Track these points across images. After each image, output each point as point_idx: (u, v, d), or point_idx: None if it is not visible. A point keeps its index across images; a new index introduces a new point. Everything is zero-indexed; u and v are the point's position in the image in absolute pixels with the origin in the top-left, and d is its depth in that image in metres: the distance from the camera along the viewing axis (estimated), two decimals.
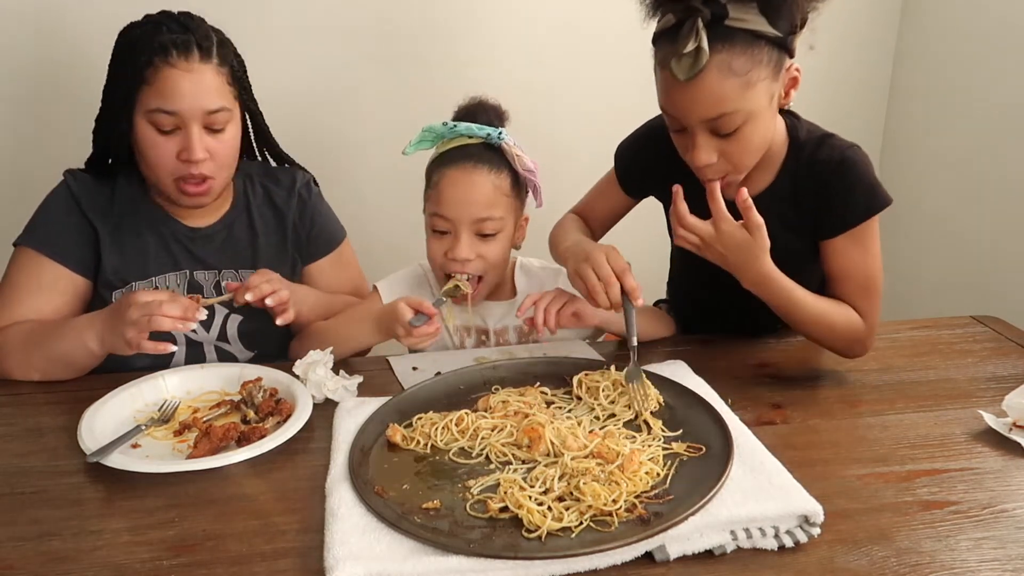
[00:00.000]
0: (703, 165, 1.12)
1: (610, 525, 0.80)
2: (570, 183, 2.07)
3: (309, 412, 1.06)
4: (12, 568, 0.79)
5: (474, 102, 1.36)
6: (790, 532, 0.81)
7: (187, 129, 1.23)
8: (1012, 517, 0.86)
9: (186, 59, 1.22)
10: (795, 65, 1.11)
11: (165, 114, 1.21)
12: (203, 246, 1.35)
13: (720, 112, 1.06)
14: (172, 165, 1.24)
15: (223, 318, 1.33)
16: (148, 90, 1.21)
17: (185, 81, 1.21)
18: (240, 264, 1.36)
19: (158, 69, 1.21)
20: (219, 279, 1.35)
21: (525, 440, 0.94)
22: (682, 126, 1.12)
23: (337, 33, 1.85)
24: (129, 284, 1.29)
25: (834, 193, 1.18)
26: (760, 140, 1.13)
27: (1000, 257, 1.92)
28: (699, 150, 1.10)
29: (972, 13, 1.98)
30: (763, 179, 1.22)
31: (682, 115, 1.10)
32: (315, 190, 1.47)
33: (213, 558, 0.80)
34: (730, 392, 1.11)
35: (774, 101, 1.11)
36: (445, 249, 1.30)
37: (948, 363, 1.24)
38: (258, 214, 1.40)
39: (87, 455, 0.94)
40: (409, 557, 0.77)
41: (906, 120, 2.17)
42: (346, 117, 1.92)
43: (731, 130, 1.08)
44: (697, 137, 1.10)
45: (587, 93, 2.06)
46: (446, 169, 1.29)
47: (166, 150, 1.23)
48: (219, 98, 1.25)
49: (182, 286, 1.32)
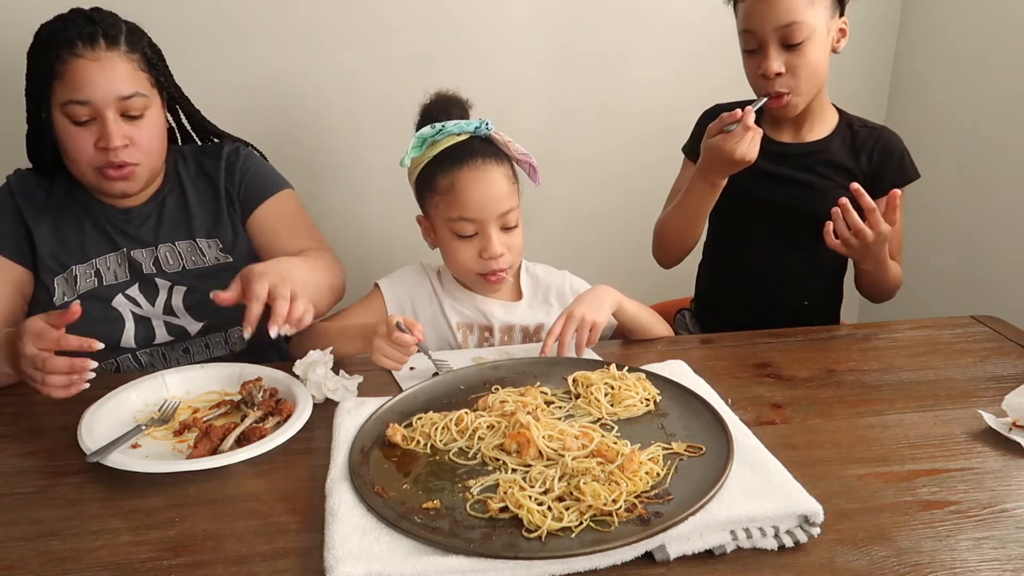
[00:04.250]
0: (773, 73, 1.34)
1: (610, 525, 0.80)
2: (571, 183, 2.09)
3: (309, 412, 1.06)
4: (12, 568, 0.79)
5: (440, 98, 1.36)
6: (790, 532, 0.81)
7: (102, 117, 1.25)
8: (1012, 517, 0.86)
9: (92, 48, 1.24)
10: (845, 20, 1.38)
11: (78, 104, 1.24)
12: (137, 226, 1.37)
13: (790, 20, 1.31)
14: (91, 155, 1.27)
15: (167, 291, 1.35)
16: (60, 84, 1.24)
17: (93, 70, 1.24)
18: (177, 237, 1.39)
19: (66, 61, 1.24)
20: (156, 255, 1.37)
21: (513, 446, 0.94)
22: (757, 44, 1.35)
23: (337, 33, 1.85)
24: (69, 268, 1.32)
25: (890, 154, 1.45)
26: (817, 62, 1.36)
27: (1000, 257, 1.92)
28: (771, 60, 1.34)
29: (972, 12, 1.98)
30: (821, 129, 1.48)
31: (759, 25, 1.33)
32: (245, 152, 1.48)
33: (213, 558, 0.80)
34: (730, 392, 1.11)
35: (829, 36, 1.36)
36: (478, 251, 1.29)
37: (948, 363, 1.24)
38: (191, 187, 1.42)
39: (87, 455, 0.94)
40: (409, 557, 0.77)
41: (906, 120, 2.17)
42: (345, 117, 1.92)
43: (798, 41, 1.32)
44: (769, 48, 1.34)
45: (588, 92, 2.06)
46: (455, 171, 1.28)
47: (83, 141, 1.26)
48: (131, 84, 1.27)
49: (123, 266, 1.35)
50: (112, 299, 1.33)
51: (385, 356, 1.16)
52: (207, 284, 1.29)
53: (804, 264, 1.49)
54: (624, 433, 0.99)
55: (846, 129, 1.48)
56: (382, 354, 1.16)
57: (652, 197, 2.16)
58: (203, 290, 1.32)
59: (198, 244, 1.39)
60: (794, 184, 1.45)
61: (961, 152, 2.03)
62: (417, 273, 1.42)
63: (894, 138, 1.48)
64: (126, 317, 1.34)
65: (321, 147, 1.93)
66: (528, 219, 1.39)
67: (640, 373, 1.13)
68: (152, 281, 1.35)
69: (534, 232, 1.42)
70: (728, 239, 1.57)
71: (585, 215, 2.15)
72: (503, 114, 1.43)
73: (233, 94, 1.52)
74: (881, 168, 1.45)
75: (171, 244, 1.38)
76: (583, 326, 1.23)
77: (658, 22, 2.03)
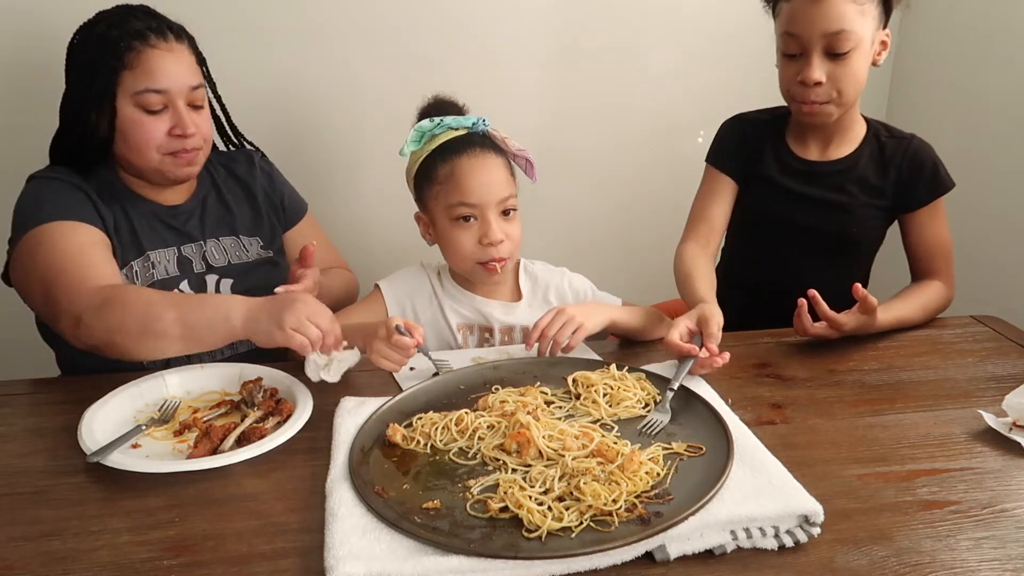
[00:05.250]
0: (814, 82, 1.30)
1: (610, 525, 0.80)
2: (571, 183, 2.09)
3: (309, 412, 1.06)
4: (12, 568, 0.79)
5: (437, 101, 1.39)
6: (790, 532, 0.81)
7: (175, 106, 1.29)
8: (1012, 517, 0.86)
9: (164, 40, 1.29)
10: (888, 32, 1.34)
11: (154, 93, 1.27)
12: (185, 221, 1.40)
13: (839, 27, 1.26)
14: (162, 142, 1.29)
15: (214, 286, 1.38)
16: (131, 74, 1.26)
17: (168, 60, 1.28)
18: (221, 233, 1.43)
19: (140, 52, 1.26)
20: (204, 251, 1.39)
21: (513, 446, 0.94)
22: (799, 49, 1.31)
23: (335, 35, 1.85)
24: (128, 264, 1.31)
25: (921, 165, 1.41)
26: (860, 74, 1.32)
27: (1000, 257, 1.92)
28: (813, 68, 1.30)
29: (972, 12, 1.98)
30: (847, 147, 1.43)
31: (805, 29, 1.28)
32: (271, 163, 1.56)
33: (213, 558, 0.80)
34: (730, 392, 1.11)
35: (872, 48, 1.32)
36: (478, 238, 1.30)
37: (948, 363, 1.24)
38: (226, 188, 1.47)
39: (87, 455, 0.94)
40: (409, 557, 0.77)
41: (906, 120, 2.16)
42: (345, 116, 1.92)
43: (844, 50, 1.28)
44: (812, 55, 1.29)
45: (589, 93, 2.05)
46: (455, 159, 1.30)
47: (156, 128, 1.28)
48: (196, 75, 1.33)
49: (172, 261, 1.36)
50: None
51: (384, 358, 1.16)
52: (252, 278, 1.39)
53: (827, 282, 1.34)
54: (624, 433, 0.99)
55: (873, 141, 1.44)
56: (381, 356, 1.16)
57: (653, 197, 2.18)
58: (248, 283, 1.38)
59: (241, 240, 1.44)
60: (820, 204, 1.42)
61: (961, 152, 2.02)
62: (417, 274, 1.42)
63: (924, 148, 1.43)
64: None
65: (322, 147, 1.93)
66: (528, 219, 1.39)
67: (640, 373, 1.13)
68: (202, 278, 1.37)
69: (534, 233, 1.43)
70: (748, 255, 1.54)
71: (586, 215, 2.15)
72: (505, 115, 1.43)
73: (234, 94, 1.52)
74: (911, 180, 1.41)
75: (216, 240, 1.41)
76: (570, 323, 1.21)
77: (660, 21, 2.03)
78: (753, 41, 2.03)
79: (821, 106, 1.33)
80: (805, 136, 1.45)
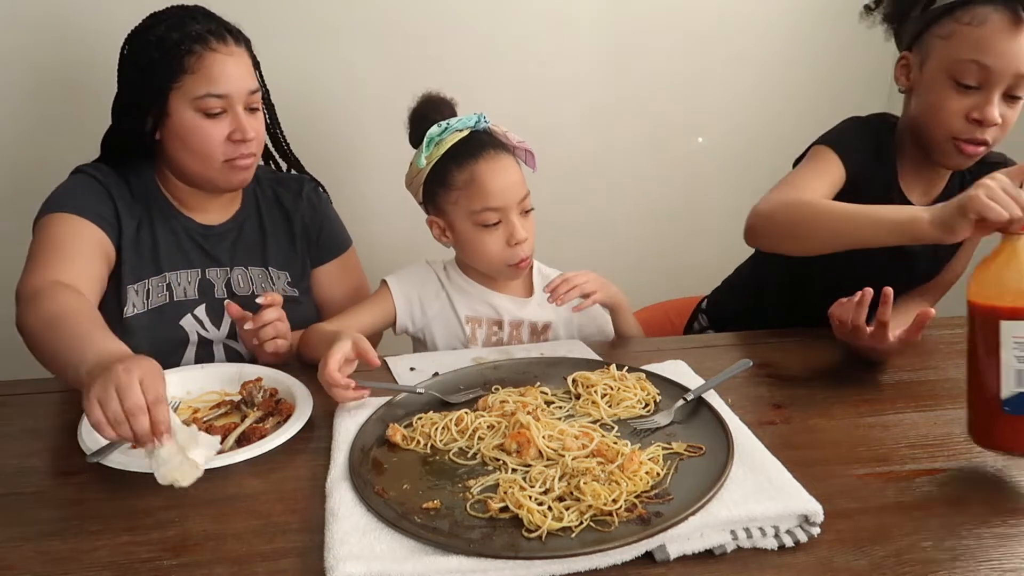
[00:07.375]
0: (993, 122, 1.21)
1: (610, 525, 0.80)
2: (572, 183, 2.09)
3: (309, 412, 1.06)
4: (12, 568, 0.79)
5: (430, 98, 1.38)
6: (790, 532, 0.81)
7: (234, 110, 1.27)
8: (1012, 517, 0.86)
9: (225, 44, 1.26)
10: None
11: (215, 97, 1.25)
12: (215, 244, 1.36)
13: None
14: (222, 147, 1.27)
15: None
16: (192, 78, 1.24)
17: (229, 64, 1.26)
18: (251, 262, 1.38)
19: (201, 56, 1.24)
20: (228, 278, 1.35)
21: (513, 446, 0.94)
22: (979, 82, 1.20)
23: (337, 33, 1.85)
24: (142, 280, 1.29)
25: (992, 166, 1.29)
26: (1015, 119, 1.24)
27: None
28: (993, 107, 1.20)
29: None
30: (940, 185, 1.38)
31: (999, 63, 1.18)
32: (324, 196, 1.51)
33: (213, 558, 0.80)
34: (730, 392, 1.11)
35: None
36: (504, 240, 1.31)
37: (948, 363, 1.24)
38: (267, 214, 1.42)
39: (87, 455, 0.94)
40: (409, 557, 0.77)
41: None
42: (347, 117, 1.92)
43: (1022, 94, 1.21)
44: (994, 94, 1.20)
45: (592, 93, 2.06)
46: (472, 164, 1.29)
47: (216, 133, 1.26)
48: (254, 79, 1.31)
49: (193, 284, 1.33)
50: (181, 318, 1.31)
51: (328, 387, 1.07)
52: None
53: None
54: (624, 433, 0.99)
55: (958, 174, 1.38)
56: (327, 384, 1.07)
57: (657, 198, 2.18)
58: None
59: (270, 273, 1.40)
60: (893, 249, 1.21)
61: None
62: (424, 269, 1.42)
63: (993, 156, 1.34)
64: (192, 338, 1.31)
65: (325, 146, 1.93)
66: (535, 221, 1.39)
67: (640, 373, 1.13)
68: (221, 304, 1.30)
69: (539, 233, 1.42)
70: (802, 278, 1.46)
71: (588, 215, 2.15)
72: (507, 115, 1.43)
73: None
74: None
75: (244, 268, 1.37)
76: (592, 282, 1.30)
77: (663, 21, 2.03)
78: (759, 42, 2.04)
79: (976, 148, 1.23)
80: (920, 176, 1.35)
